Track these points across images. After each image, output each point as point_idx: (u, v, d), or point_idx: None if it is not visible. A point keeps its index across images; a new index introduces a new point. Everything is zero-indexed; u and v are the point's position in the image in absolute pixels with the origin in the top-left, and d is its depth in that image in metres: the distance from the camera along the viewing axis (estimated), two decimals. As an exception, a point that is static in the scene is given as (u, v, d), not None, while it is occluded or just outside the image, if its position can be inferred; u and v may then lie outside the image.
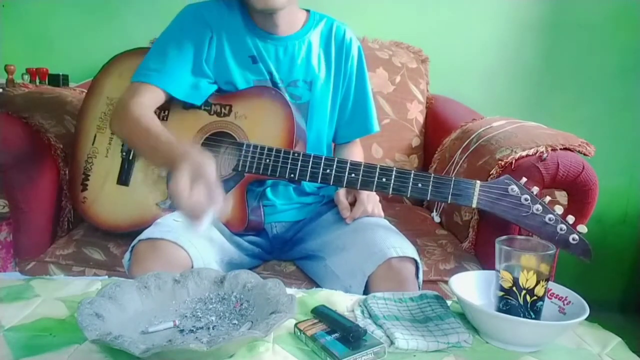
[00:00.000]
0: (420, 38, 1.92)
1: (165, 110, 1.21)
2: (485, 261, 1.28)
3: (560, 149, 1.20)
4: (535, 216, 1.02)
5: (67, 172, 1.29)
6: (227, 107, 1.18)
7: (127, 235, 1.20)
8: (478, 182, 1.06)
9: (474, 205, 1.06)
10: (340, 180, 1.10)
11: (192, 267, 0.97)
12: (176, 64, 1.16)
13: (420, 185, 1.07)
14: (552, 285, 0.85)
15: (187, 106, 1.20)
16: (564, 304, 0.84)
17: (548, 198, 1.04)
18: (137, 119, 1.09)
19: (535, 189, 1.05)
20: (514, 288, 0.79)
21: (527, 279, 0.78)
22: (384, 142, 1.75)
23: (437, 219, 1.49)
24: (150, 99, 1.15)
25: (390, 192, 1.08)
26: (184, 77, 1.17)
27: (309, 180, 1.12)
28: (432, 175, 1.07)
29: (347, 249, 1.11)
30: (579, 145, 1.22)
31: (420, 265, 1.08)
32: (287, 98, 1.18)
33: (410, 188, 1.07)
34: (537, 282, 0.78)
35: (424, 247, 1.32)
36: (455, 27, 2.02)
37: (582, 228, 1.03)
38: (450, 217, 1.44)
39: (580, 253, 1.04)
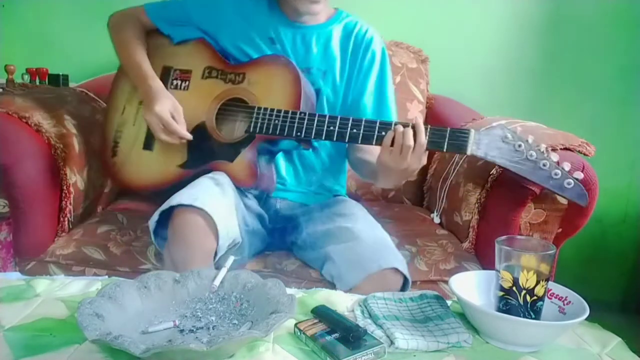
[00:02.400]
0: (420, 38, 1.91)
1: (186, 81, 1.32)
2: (485, 261, 1.28)
3: (560, 149, 1.20)
4: (529, 162, 1.04)
5: (66, 171, 1.29)
6: (241, 75, 1.27)
7: (153, 195, 1.31)
8: (473, 130, 1.08)
9: (468, 152, 1.07)
10: (342, 136, 1.15)
11: (217, 230, 1.05)
12: (170, 15, 1.35)
13: None
14: (552, 285, 0.85)
15: (205, 76, 1.30)
16: (564, 304, 0.84)
17: (544, 146, 1.06)
18: (126, 43, 1.33)
19: (531, 138, 1.06)
20: (514, 288, 0.79)
21: (527, 279, 0.78)
22: (384, 142, 1.75)
23: (437, 220, 1.49)
24: (145, 25, 1.37)
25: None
26: (169, 20, 1.36)
27: (314, 138, 1.17)
28: (429, 126, 1.09)
29: (351, 241, 1.14)
30: (579, 145, 1.22)
31: (408, 286, 1.11)
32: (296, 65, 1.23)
33: None
34: (537, 282, 0.78)
35: (424, 247, 1.32)
36: (455, 27, 2.01)
37: (578, 174, 1.04)
38: (450, 217, 1.44)
39: (576, 197, 1.05)
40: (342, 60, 1.31)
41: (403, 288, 1.11)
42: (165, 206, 1.08)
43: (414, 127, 1.06)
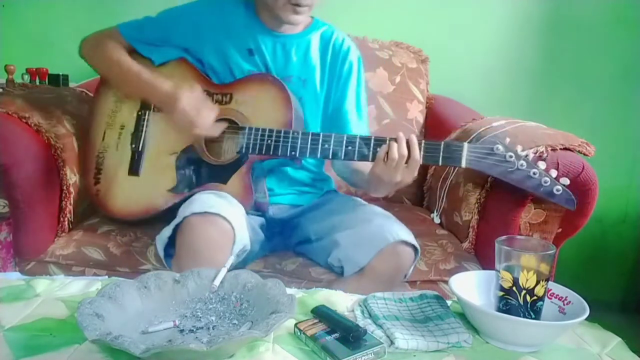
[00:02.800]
0: (420, 38, 1.91)
1: None
2: (485, 261, 1.28)
3: (560, 149, 1.20)
4: (520, 171, 1.09)
5: (66, 171, 1.29)
6: (228, 96, 1.25)
7: (139, 222, 1.29)
8: (466, 143, 1.12)
9: (463, 165, 1.11)
10: (337, 154, 1.15)
11: (235, 236, 1.06)
12: (147, 36, 1.32)
13: None
14: (552, 285, 0.85)
15: None
16: (564, 304, 0.84)
17: (531, 155, 1.13)
18: (117, 60, 1.28)
19: (519, 147, 1.11)
20: (514, 288, 0.79)
21: (527, 279, 0.78)
22: (384, 142, 1.75)
23: (437, 220, 1.48)
24: (124, 47, 1.31)
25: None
26: (146, 42, 1.32)
27: (309, 156, 1.17)
28: (424, 141, 1.11)
29: (357, 226, 1.15)
30: (579, 145, 1.22)
31: (416, 259, 1.14)
32: (285, 84, 1.23)
33: None
34: (537, 282, 0.78)
35: (424, 247, 1.32)
36: (455, 27, 2.01)
37: (565, 180, 1.09)
38: (450, 217, 1.44)
39: (565, 202, 1.10)
40: (321, 69, 1.31)
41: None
42: (178, 219, 1.06)
43: (407, 142, 1.08)
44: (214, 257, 1.01)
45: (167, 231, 1.09)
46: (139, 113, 1.30)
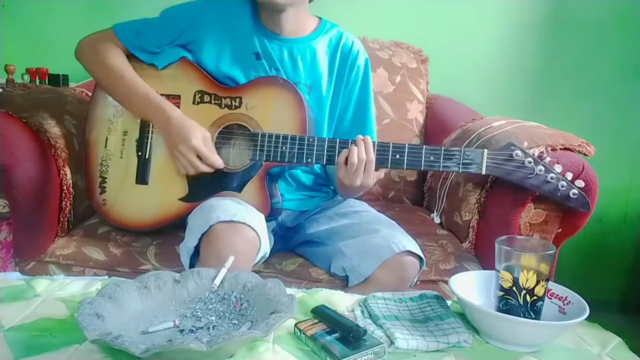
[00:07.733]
0: (420, 38, 1.91)
1: (176, 106, 1.22)
2: (485, 261, 1.28)
3: (560, 149, 1.20)
4: (538, 176, 1.11)
5: (66, 171, 1.29)
6: (237, 100, 1.21)
7: (150, 232, 1.27)
8: (485, 150, 1.12)
9: (483, 172, 1.12)
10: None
11: (260, 243, 1.06)
12: (148, 43, 1.26)
13: (432, 158, 1.12)
14: (552, 285, 0.85)
15: (197, 102, 1.23)
16: (564, 304, 0.84)
17: (548, 159, 1.12)
18: (119, 69, 1.22)
19: (537, 151, 1.13)
20: (514, 288, 0.79)
21: (527, 279, 0.78)
22: (384, 142, 1.75)
23: (437, 220, 1.48)
24: (122, 50, 1.26)
25: (405, 167, 1.13)
26: (149, 50, 1.26)
27: (325, 164, 1.16)
28: (443, 147, 1.12)
29: (363, 236, 1.15)
30: (579, 145, 1.22)
31: (421, 268, 1.14)
32: (296, 87, 1.20)
33: (423, 162, 1.12)
34: (537, 282, 0.78)
35: (424, 247, 1.32)
36: (456, 27, 2.01)
37: (580, 183, 1.12)
38: (450, 217, 1.44)
39: (580, 205, 1.13)
40: (328, 74, 1.28)
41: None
42: (204, 227, 1.03)
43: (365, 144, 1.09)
44: (240, 267, 0.98)
45: (193, 240, 1.06)
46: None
